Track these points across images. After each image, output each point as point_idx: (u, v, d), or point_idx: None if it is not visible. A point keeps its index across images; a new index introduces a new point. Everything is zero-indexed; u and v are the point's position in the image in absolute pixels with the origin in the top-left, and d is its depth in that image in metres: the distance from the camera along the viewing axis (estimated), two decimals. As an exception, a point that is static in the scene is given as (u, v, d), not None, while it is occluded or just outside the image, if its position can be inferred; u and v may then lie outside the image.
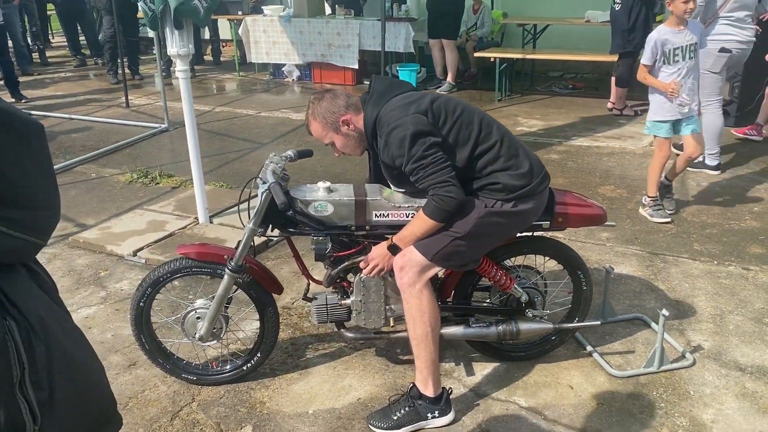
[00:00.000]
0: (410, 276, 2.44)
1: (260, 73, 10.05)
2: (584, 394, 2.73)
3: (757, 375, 2.82)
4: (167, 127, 6.93)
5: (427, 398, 2.54)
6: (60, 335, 1.33)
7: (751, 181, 5.05)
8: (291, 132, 6.84)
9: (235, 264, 2.56)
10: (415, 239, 2.42)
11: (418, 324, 2.47)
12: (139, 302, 2.70)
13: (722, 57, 4.92)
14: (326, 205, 2.53)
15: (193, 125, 4.22)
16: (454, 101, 2.46)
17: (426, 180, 2.31)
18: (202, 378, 2.84)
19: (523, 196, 2.42)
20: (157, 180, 5.32)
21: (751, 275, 3.64)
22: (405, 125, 2.30)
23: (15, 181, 1.23)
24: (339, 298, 2.73)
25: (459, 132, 2.38)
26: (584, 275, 2.79)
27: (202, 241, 4.11)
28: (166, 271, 2.66)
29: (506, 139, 2.45)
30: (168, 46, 4.03)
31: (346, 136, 2.53)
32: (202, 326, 2.68)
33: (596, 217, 2.67)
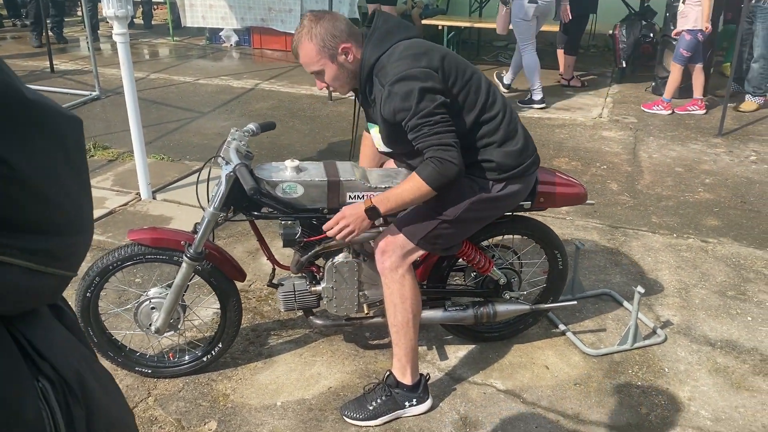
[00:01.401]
0: (393, 260, 2.28)
1: (196, 37, 9.56)
2: (560, 374, 2.67)
3: (727, 349, 2.83)
4: (99, 95, 6.47)
5: (405, 386, 2.41)
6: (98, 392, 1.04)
7: (699, 153, 5.12)
8: (233, 100, 6.51)
9: (194, 251, 2.33)
10: (400, 205, 2.21)
11: (399, 310, 2.32)
12: (86, 293, 2.44)
13: (531, 7, 5.89)
14: (296, 187, 2.31)
15: (133, 94, 3.90)
16: (464, 61, 2.27)
17: (428, 139, 2.10)
18: (158, 371, 2.62)
19: (514, 176, 2.30)
20: (91, 152, 4.93)
21: (710, 248, 3.67)
22: (414, 78, 2.09)
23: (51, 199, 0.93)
24: (308, 285, 2.54)
25: (467, 96, 2.21)
26: (561, 254, 2.71)
27: (147, 219, 3.83)
28: (116, 259, 2.41)
29: (508, 110, 2.32)
30: (104, 7, 3.69)
31: (341, 67, 2.25)
32: (159, 317, 2.45)
33: (578, 196, 2.58)
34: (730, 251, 3.63)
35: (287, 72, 7.69)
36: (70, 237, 0.96)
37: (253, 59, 8.47)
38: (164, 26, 10.05)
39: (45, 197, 0.91)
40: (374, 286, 2.52)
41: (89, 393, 1.01)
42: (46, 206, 0.92)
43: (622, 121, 5.90)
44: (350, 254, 2.48)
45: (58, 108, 0.95)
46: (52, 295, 1.00)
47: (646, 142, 5.34)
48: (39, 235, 0.92)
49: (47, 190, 0.91)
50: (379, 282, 2.48)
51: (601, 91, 6.89)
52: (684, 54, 5.92)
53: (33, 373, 0.94)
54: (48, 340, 0.98)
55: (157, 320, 2.46)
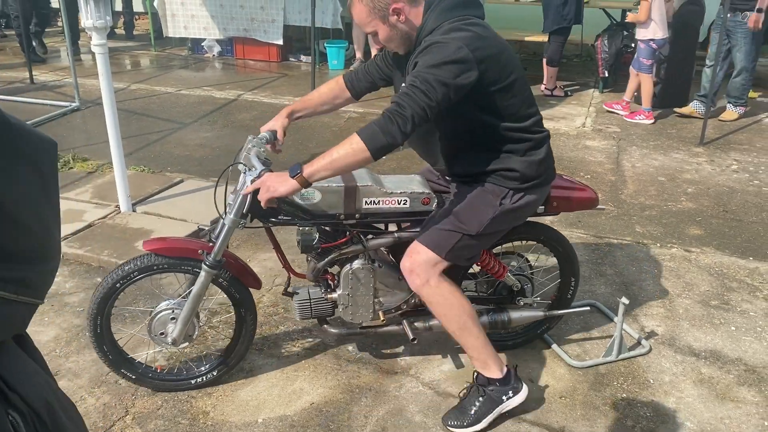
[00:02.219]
0: (422, 276, 2.28)
1: (178, 48, 9.49)
2: (545, 387, 2.64)
3: (711, 360, 2.82)
4: (78, 106, 6.39)
5: (496, 381, 2.39)
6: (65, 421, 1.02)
7: (682, 162, 5.15)
8: (215, 111, 6.46)
9: (213, 259, 2.29)
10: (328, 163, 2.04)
11: (450, 319, 2.34)
12: (100, 304, 2.38)
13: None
14: (313, 192, 2.30)
15: (113, 105, 3.84)
16: (513, 63, 2.20)
17: (402, 97, 2.02)
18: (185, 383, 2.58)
19: (534, 186, 2.32)
20: (70, 164, 4.86)
21: (693, 257, 3.68)
22: (455, 50, 2.01)
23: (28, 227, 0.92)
24: (323, 292, 2.52)
25: (504, 100, 2.17)
26: (574, 260, 2.71)
27: (126, 232, 3.77)
28: (133, 269, 2.35)
29: (540, 122, 2.32)
30: (83, 18, 3.64)
31: (393, 27, 2.19)
32: (175, 329, 2.41)
33: (590, 200, 2.60)
34: (713, 260, 3.64)
35: (270, 82, 7.65)
36: (41, 264, 0.95)
37: (236, 69, 8.42)
38: (146, 36, 9.97)
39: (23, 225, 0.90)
40: (389, 293, 2.52)
41: (57, 422, 0.99)
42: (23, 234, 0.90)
43: (605, 131, 5.92)
44: (366, 261, 2.46)
45: (36, 132, 0.94)
46: (22, 324, 0.98)
47: (629, 152, 5.36)
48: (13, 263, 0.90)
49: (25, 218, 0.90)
50: (394, 288, 2.51)
51: (584, 101, 6.92)
52: (646, 62, 6.03)
53: (3, 406, 0.92)
54: (15, 371, 0.96)
55: (173, 331, 2.42)
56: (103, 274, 3.38)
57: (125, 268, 2.37)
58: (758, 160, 5.20)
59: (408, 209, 2.42)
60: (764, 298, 3.28)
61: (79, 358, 2.77)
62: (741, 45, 5.80)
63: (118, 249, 3.58)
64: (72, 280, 3.37)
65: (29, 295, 0.94)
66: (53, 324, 3.00)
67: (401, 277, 2.49)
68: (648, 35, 5.92)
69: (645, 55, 6.00)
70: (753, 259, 3.66)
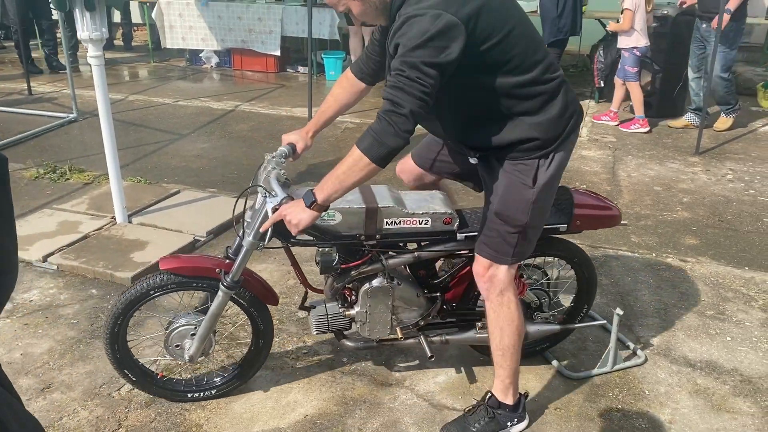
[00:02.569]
0: (499, 287, 2.25)
1: (176, 59, 9.52)
2: (540, 398, 2.64)
3: (707, 370, 2.81)
4: (76, 117, 6.40)
5: (507, 407, 2.38)
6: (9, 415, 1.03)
7: (677, 172, 5.16)
8: (212, 122, 6.47)
9: (231, 280, 2.29)
10: (339, 186, 2.00)
11: (506, 333, 2.29)
12: (116, 321, 2.39)
13: None
14: (334, 214, 2.26)
15: (108, 116, 3.85)
16: (508, 13, 1.99)
17: (394, 92, 1.90)
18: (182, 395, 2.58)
19: (562, 141, 2.13)
20: (67, 176, 4.87)
21: (688, 267, 3.67)
22: (434, 21, 1.84)
23: None
24: (340, 308, 2.50)
25: (500, 55, 1.97)
26: (594, 285, 2.72)
27: (122, 243, 3.77)
28: (150, 287, 2.35)
29: (549, 69, 2.07)
30: (78, 30, 3.65)
31: (364, 1, 2.04)
32: (192, 345, 2.42)
33: (613, 218, 2.58)
34: (709, 270, 3.64)
35: (268, 93, 7.67)
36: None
37: (234, 80, 8.45)
38: (144, 47, 10.01)
39: None
40: (407, 310, 2.50)
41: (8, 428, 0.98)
42: None
43: (601, 141, 5.93)
44: (385, 279, 2.44)
45: None
46: None
47: (625, 161, 5.37)
48: None
49: None
50: (412, 305, 2.49)
51: (580, 111, 6.93)
52: (632, 71, 6.12)
53: None
54: None
55: (190, 348, 2.43)
56: (99, 286, 3.40)
57: (163, 278, 2.36)
58: (753, 170, 5.20)
59: (429, 229, 2.38)
60: (760, 308, 3.28)
61: (72, 371, 2.77)
62: (715, 52, 5.78)
63: (114, 260, 3.58)
64: (67, 292, 3.36)
65: None
66: (47, 336, 3.00)
67: (419, 293, 2.50)
68: (631, 43, 6.04)
69: (630, 63, 6.09)
70: (748, 268, 3.66)
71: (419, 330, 2.58)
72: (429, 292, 2.54)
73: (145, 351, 2.84)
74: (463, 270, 2.54)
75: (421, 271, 2.52)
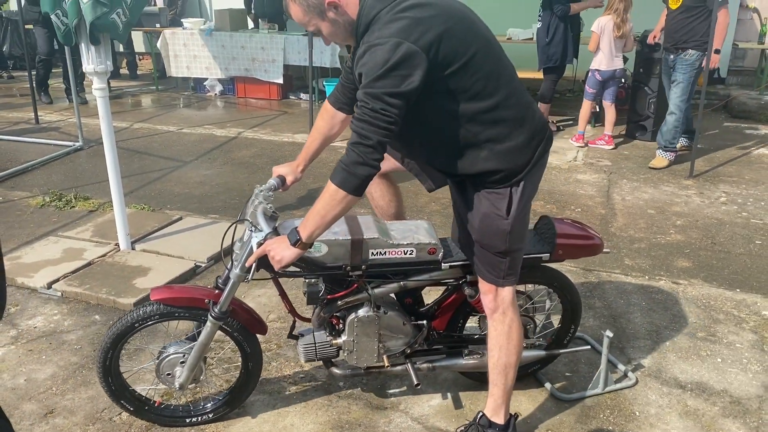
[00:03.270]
0: (502, 307, 2.31)
1: (180, 87, 9.70)
2: (532, 420, 2.69)
3: (697, 392, 2.86)
4: (82, 146, 6.54)
5: (497, 426, 2.42)
6: None
7: (671, 195, 5.23)
8: (215, 149, 6.60)
9: (219, 311, 2.37)
10: (320, 221, 2.06)
11: (504, 352, 2.35)
12: (107, 353, 2.46)
13: None
14: (320, 246, 2.32)
15: (113, 146, 3.95)
16: (471, 35, 2.01)
17: (360, 125, 1.94)
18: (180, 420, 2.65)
19: (531, 169, 2.18)
20: (72, 203, 4.98)
21: (681, 289, 3.73)
22: (394, 50, 1.88)
23: None
24: (328, 336, 2.55)
25: (462, 79, 2.00)
26: (577, 307, 2.78)
27: (125, 270, 3.85)
28: (140, 317, 2.42)
29: (512, 95, 2.10)
30: (83, 63, 3.77)
31: (333, 22, 2.08)
32: (182, 374, 2.49)
33: (595, 247, 2.64)
34: (701, 293, 3.70)
35: (270, 120, 7.81)
36: None
37: (237, 108, 8.60)
38: (149, 75, 10.20)
39: None
40: (394, 338, 2.55)
41: None
42: None
43: (596, 164, 6.02)
44: (371, 308, 2.48)
45: None
46: None
47: (620, 185, 5.46)
48: None
49: None
50: (398, 333, 2.54)
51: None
52: (589, 90, 6.49)
53: None
54: None
55: (180, 376, 2.49)
56: (102, 312, 3.47)
57: (146, 309, 2.43)
58: (747, 192, 5.28)
59: (414, 259, 2.43)
60: (750, 329, 3.33)
61: (75, 396, 2.83)
62: (678, 82, 5.76)
63: (117, 287, 3.66)
64: (70, 318, 3.44)
65: None
66: (50, 362, 3.07)
67: (405, 321, 2.55)
68: (594, 65, 6.39)
69: (590, 84, 6.49)
70: (740, 290, 3.72)
71: (406, 357, 2.63)
72: (415, 320, 2.59)
73: (145, 376, 2.90)
74: (449, 298, 2.60)
75: (408, 299, 2.59)
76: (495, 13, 8.99)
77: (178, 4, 10.17)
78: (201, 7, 10.75)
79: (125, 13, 3.72)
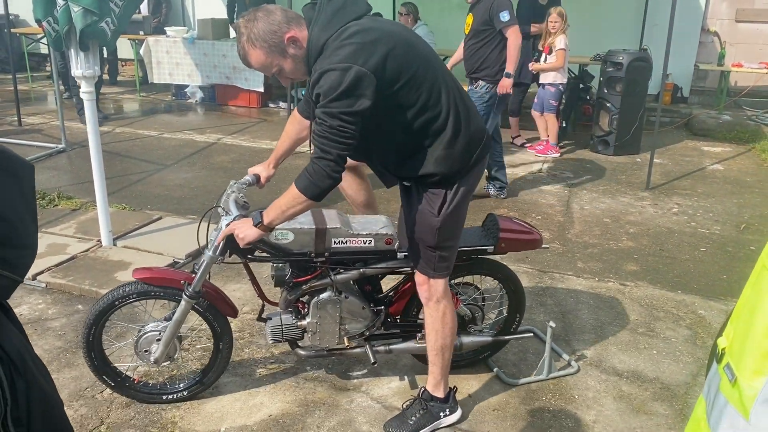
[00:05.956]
0: (435, 296, 2.57)
1: (162, 93, 9.90)
2: (481, 401, 2.95)
3: (632, 379, 3.15)
4: (65, 148, 6.72)
5: (438, 399, 2.71)
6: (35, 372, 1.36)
7: (627, 205, 5.56)
8: (195, 154, 6.82)
9: (192, 290, 2.60)
10: (280, 215, 2.33)
11: (440, 335, 2.62)
12: (91, 327, 2.68)
13: None
14: (287, 234, 2.59)
15: (98, 147, 4.18)
16: (412, 53, 2.24)
17: (321, 140, 2.17)
18: (157, 397, 2.87)
19: (466, 173, 2.43)
20: (55, 202, 5.17)
21: (627, 290, 4.04)
22: (345, 74, 2.09)
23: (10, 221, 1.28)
24: (294, 319, 2.79)
25: (407, 94, 2.22)
26: (521, 295, 3.06)
27: (107, 264, 4.06)
28: (123, 294, 2.66)
29: (452, 108, 2.33)
30: (72, 67, 4.00)
31: (294, 58, 2.24)
32: (157, 349, 2.71)
33: (534, 242, 2.93)
34: (645, 293, 4.00)
35: (249, 127, 8.05)
36: (21, 249, 1.34)
37: (218, 115, 8.82)
38: (131, 81, 10.38)
39: (5, 218, 1.29)
40: (354, 321, 2.80)
41: (29, 370, 1.35)
42: (6, 225, 1.29)
43: (559, 176, 6.35)
44: (333, 293, 2.75)
45: (18, 156, 1.35)
46: (5, 294, 1.36)
47: (580, 195, 5.78)
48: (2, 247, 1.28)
49: (7, 214, 1.29)
50: (358, 317, 2.80)
51: (544, 148, 7.38)
52: (554, 104, 6.90)
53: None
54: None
55: (156, 351, 2.72)
56: (84, 302, 3.68)
57: (125, 289, 2.68)
58: (698, 204, 5.63)
59: (372, 248, 2.72)
60: (686, 326, 3.64)
61: (59, 376, 3.04)
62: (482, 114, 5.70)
63: (99, 279, 3.87)
64: (54, 307, 3.64)
65: (10, 271, 1.31)
66: (36, 346, 3.24)
67: (365, 306, 2.81)
68: (558, 80, 6.83)
69: (555, 98, 6.90)
70: (681, 292, 4.03)
71: (365, 340, 2.90)
72: (374, 306, 2.86)
73: (126, 359, 3.12)
74: (404, 286, 2.88)
75: (367, 286, 2.86)
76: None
77: (161, 13, 10.39)
78: (184, 15, 10.98)
79: (114, 22, 3.95)
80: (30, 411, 1.33)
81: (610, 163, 6.81)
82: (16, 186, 1.31)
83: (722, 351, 1.34)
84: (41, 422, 1.36)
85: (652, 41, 8.36)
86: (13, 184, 1.30)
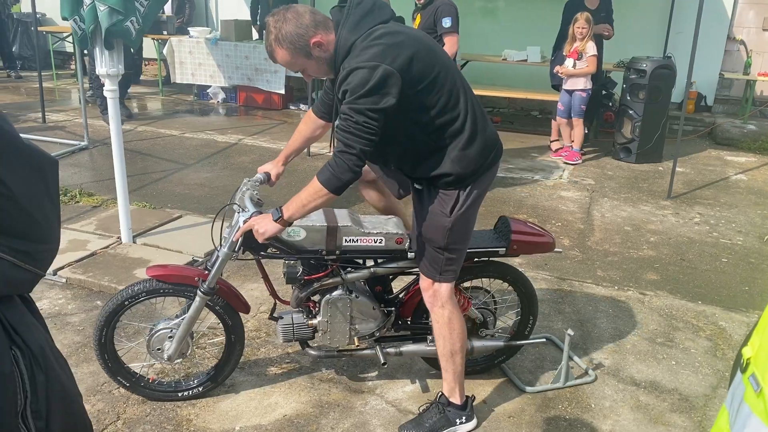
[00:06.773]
0: (440, 301, 2.57)
1: (184, 93, 9.99)
2: (497, 408, 2.93)
3: (650, 389, 3.11)
4: (87, 145, 6.80)
5: (455, 405, 2.70)
6: (55, 365, 1.38)
7: (648, 214, 5.50)
8: (216, 154, 6.86)
9: (207, 287, 2.62)
10: (301, 208, 2.37)
11: (447, 341, 2.62)
12: (104, 326, 2.70)
13: None
14: (299, 231, 2.61)
15: (120, 145, 4.21)
16: (434, 57, 2.32)
17: (345, 135, 2.24)
18: (172, 394, 2.88)
19: (478, 176, 2.47)
20: (77, 199, 5.23)
21: (646, 299, 3.99)
22: (373, 72, 2.17)
23: (34, 216, 1.30)
24: (305, 318, 2.80)
25: (428, 95, 2.30)
26: (533, 297, 3.03)
27: (126, 261, 4.10)
28: (137, 292, 2.68)
29: (470, 111, 2.40)
30: (97, 66, 4.04)
31: (319, 60, 2.34)
32: (171, 346, 2.73)
33: (547, 245, 2.91)
34: (665, 303, 3.95)
35: (270, 128, 8.09)
36: (43, 244, 1.36)
37: (239, 116, 8.88)
38: (153, 81, 10.48)
39: (29, 213, 1.30)
40: (364, 321, 2.81)
41: (49, 364, 1.37)
42: (30, 220, 1.30)
43: (580, 183, 6.30)
44: (344, 292, 2.76)
45: (43, 152, 1.36)
46: (28, 287, 1.38)
47: (601, 203, 5.73)
48: (23, 240, 1.31)
49: (31, 209, 1.31)
50: (368, 317, 2.80)
51: (565, 155, 7.33)
52: (584, 109, 6.86)
53: (8, 342, 1.30)
54: (20, 321, 1.34)
55: (169, 348, 2.73)
56: (103, 298, 3.71)
57: (134, 288, 2.69)
58: (720, 214, 5.55)
59: (383, 247, 2.73)
60: (706, 337, 3.58)
61: (77, 371, 3.07)
62: None
63: (118, 275, 3.90)
64: (74, 302, 3.68)
65: (32, 265, 1.33)
66: (56, 341, 3.23)
67: (375, 306, 2.81)
68: (589, 85, 6.80)
69: (585, 102, 6.86)
70: (701, 302, 3.98)
71: (376, 341, 2.90)
72: (384, 306, 2.86)
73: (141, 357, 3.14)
74: (415, 286, 2.87)
75: (378, 286, 2.86)
76: (491, 36, 9.36)
77: (185, 13, 10.48)
78: (207, 16, 11.07)
79: (138, 21, 4.00)
80: (49, 404, 1.34)
81: (632, 170, 6.74)
82: (41, 181, 1.32)
83: (747, 361, 1.32)
84: (60, 416, 1.38)
85: (676, 49, 8.29)
86: (38, 179, 1.31)
